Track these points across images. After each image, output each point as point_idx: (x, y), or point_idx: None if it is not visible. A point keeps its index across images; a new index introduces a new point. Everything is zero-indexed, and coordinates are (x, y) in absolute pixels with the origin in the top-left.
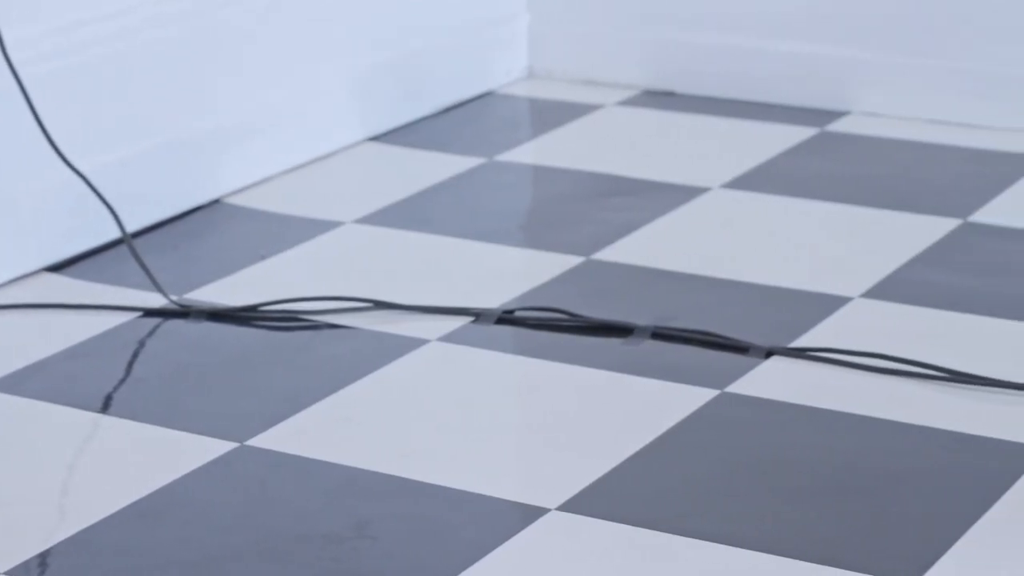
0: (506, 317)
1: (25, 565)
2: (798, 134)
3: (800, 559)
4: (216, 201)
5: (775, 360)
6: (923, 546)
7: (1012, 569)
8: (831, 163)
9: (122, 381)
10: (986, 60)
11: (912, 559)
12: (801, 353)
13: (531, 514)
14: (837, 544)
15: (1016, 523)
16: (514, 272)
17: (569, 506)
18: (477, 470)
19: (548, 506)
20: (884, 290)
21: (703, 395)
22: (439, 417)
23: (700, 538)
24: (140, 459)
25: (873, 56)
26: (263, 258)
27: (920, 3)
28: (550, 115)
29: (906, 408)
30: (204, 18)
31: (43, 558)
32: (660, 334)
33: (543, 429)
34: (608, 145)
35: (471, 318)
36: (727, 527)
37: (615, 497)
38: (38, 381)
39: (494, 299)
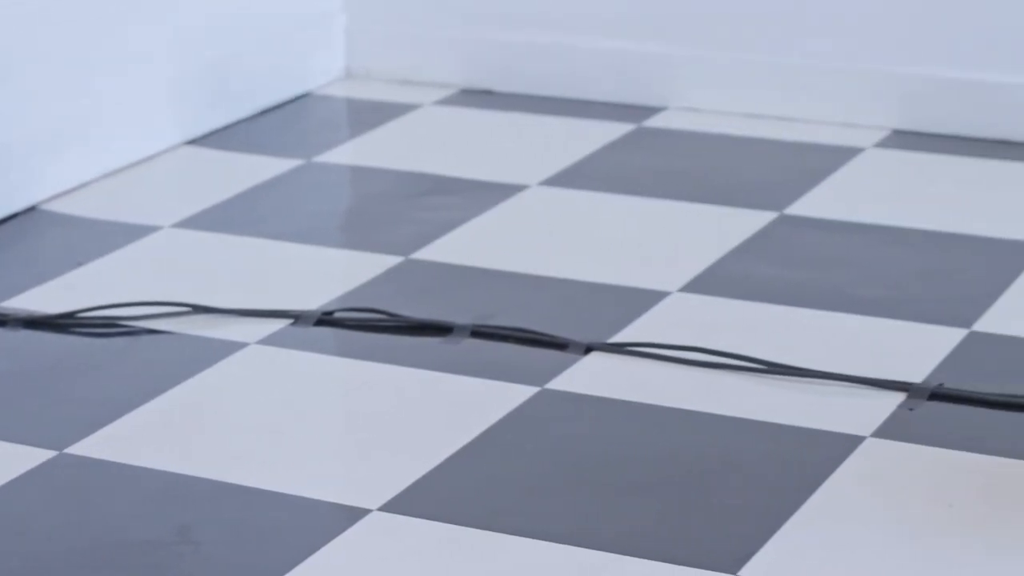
0: (325, 319)
1: None
2: (615, 130)
3: (621, 553)
4: (32, 208)
5: (594, 356)
6: (743, 537)
7: (831, 556)
8: (648, 158)
9: None
10: (799, 54)
11: (732, 550)
12: (620, 348)
13: (353, 515)
14: (658, 537)
15: (834, 511)
16: (333, 273)
17: (391, 506)
18: (298, 472)
19: (370, 507)
20: (702, 284)
21: (523, 392)
22: (260, 420)
23: (522, 535)
24: None
25: (689, 52)
26: (80, 264)
27: None
28: (368, 115)
29: (725, 400)
30: (16, 22)
31: None
32: (479, 332)
33: (364, 430)
34: (426, 144)
35: (290, 320)
36: (549, 524)
37: (437, 496)
38: None
39: (313, 301)
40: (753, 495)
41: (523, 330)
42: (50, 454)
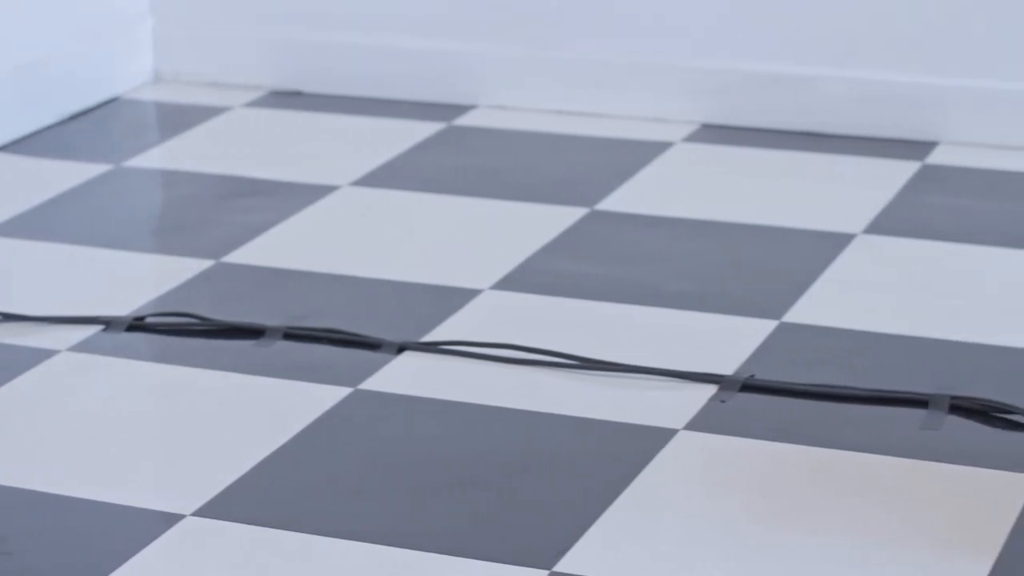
0: (137, 324)
1: None
2: (425, 129)
3: (436, 552)
4: None
5: (407, 355)
6: (558, 532)
7: (646, 549)
8: (458, 157)
9: None
10: (606, 51)
11: (548, 546)
12: (433, 347)
13: (167, 520)
14: (472, 535)
15: (648, 504)
16: (144, 278)
17: (205, 511)
18: (112, 479)
19: (184, 512)
20: (513, 281)
21: (336, 393)
22: (72, 428)
23: (336, 536)
24: None
25: (497, 50)
26: None
27: None
28: (177, 119)
29: (538, 397)
30: None
31: None
32: (292, 334)
33: (177, 435)
34: (236, 147)
35: (101, 326)
36: (363, 524)
37: (251, 499)
38: None
39: (124, 306)
40: (567, 490)
41: (335, 331)
42: None
